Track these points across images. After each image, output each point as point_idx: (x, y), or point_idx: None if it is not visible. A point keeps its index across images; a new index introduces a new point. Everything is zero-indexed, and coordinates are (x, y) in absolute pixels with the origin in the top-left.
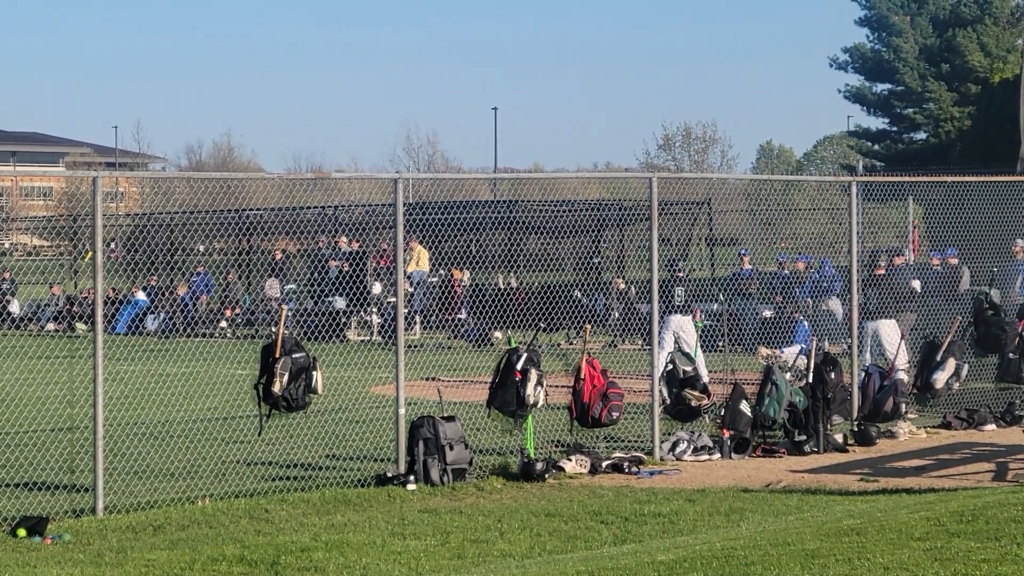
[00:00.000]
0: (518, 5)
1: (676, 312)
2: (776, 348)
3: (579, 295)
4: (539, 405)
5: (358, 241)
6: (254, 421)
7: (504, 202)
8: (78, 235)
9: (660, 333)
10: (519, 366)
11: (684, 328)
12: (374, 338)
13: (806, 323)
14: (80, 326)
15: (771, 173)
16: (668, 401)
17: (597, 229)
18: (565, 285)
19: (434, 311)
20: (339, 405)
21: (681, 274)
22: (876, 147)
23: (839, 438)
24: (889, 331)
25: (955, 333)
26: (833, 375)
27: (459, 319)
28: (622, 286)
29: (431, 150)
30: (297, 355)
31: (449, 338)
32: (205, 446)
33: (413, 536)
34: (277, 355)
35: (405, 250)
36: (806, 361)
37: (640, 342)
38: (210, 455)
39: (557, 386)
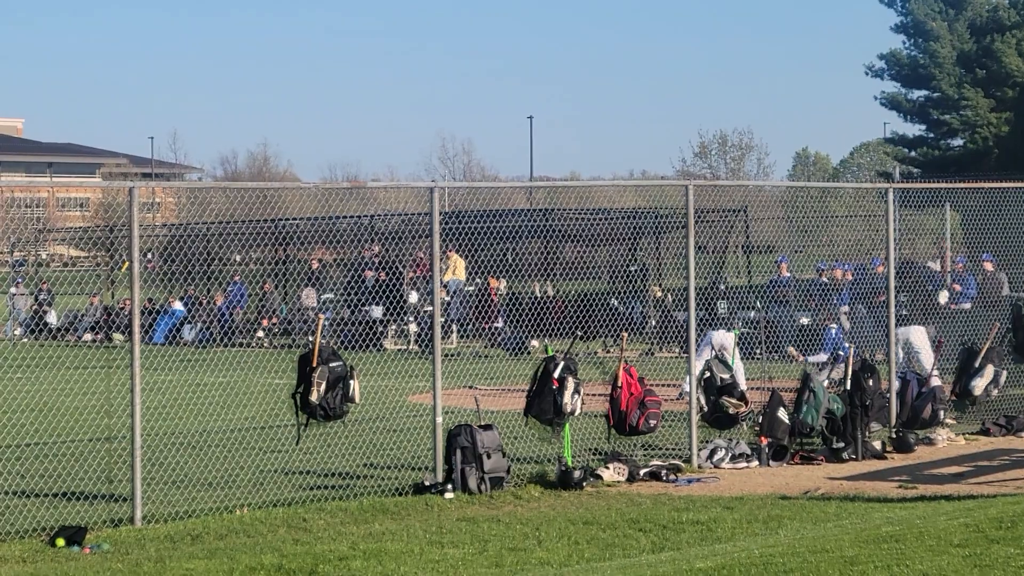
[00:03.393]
0: (553, 14)
1: (719, 327)
2: (803, 354)
3: (616, 303)
4: (576, 413)
5: (379, 245)
6: (292, 430)
7: (540, 210)
8: (115, 246)
9: (699, 349)
10: (556, 374)
11: (725, 347)
12: (411, 347)
13: (834, 329)
14: (117, 336)
15: (807, 180)
16: (706, 409)
17: (633, 237)
18: (602, 293)
19: (471, 320)
20: (376, 414)
21: (723, 286)
22: (913, 154)
23: (877, 445)
24: (920, 337)
25: (994, 339)
26: (871, 382)
27: (496, 328)
28: (659, 294)
29: (467, 159)
30: (334, 364)
31: (486, 347)
32: (243, 455)
33: (451, 544)
34: (314, 364)
35: (441, 259)
36: (843, 369)
37: (677, 350)
38: (248, 464)
39: (594, 394)
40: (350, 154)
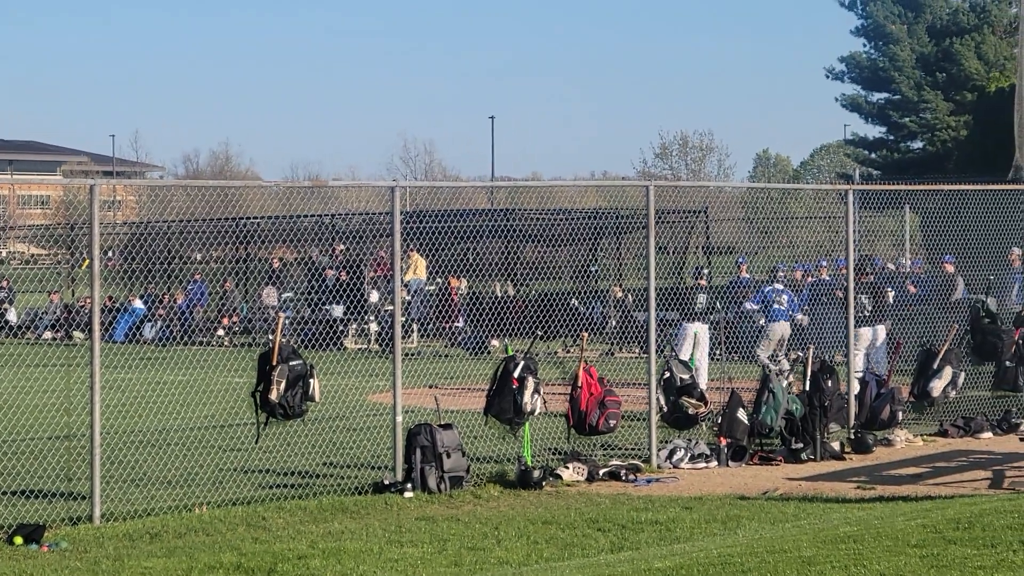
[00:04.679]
0: (515, 14)
1: (696, 319)
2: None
3: (576, 303)
4: (536, 413)
5: (344, 246)
6: (251, 429)
7: (501, 211)
8: (75, 243)
9: (677, 341)
10: (516, 374)
11: (701, 336)
12: (371, 346)
13: (778, 286)
14: (77, 334)
15: (768, 182)
16: (665, 409)
17: (594, 237)
18: (562, 293)
19: (431, 319)
20: (336, 413)
21: (703, 281)
22: (873, 156)
23: (836, 446)
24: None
25: (952, 341)
26: (830, 383)
27: (456, 327)
28: (619, 294)
29: (428, 159)
30: (294, 363)
31: (446, 346)
32: (202, 454)
33: (410, 544)
34: (274, 363)
35: (402, 258)
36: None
37: (637, 350)
38: (207, 463)
39: (554, 394)
40: (312, 154)
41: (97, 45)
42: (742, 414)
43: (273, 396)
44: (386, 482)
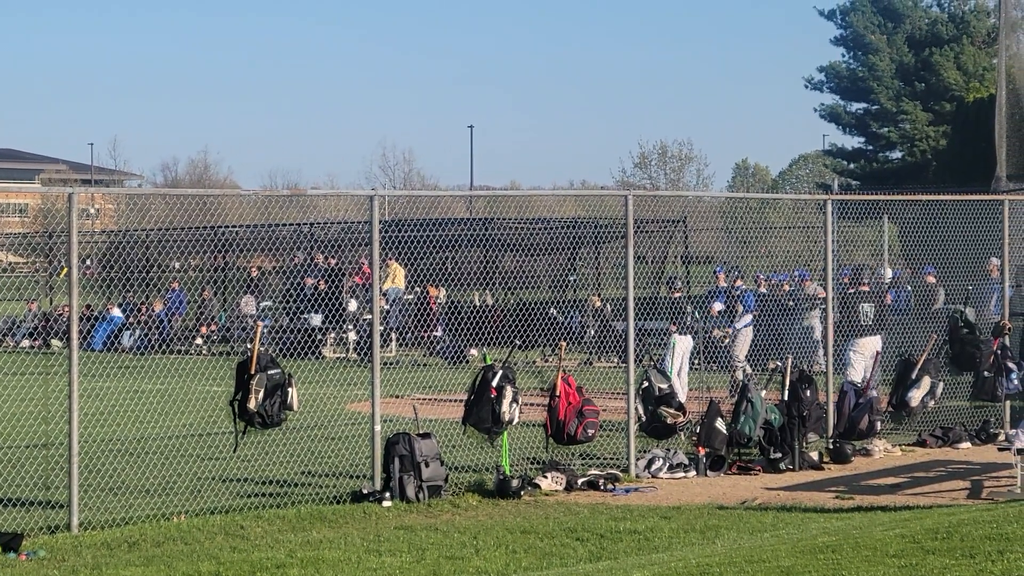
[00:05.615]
0: (495, 22)
1: (685, 332)
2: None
3: (555, 313)
4: (514, 422)
5: (334, 258)
6: (229, 438)
7: (480, 220)
8: (53, 252)
9: (666, 354)
10: (494, 383)
11: (688, 347)
12: (350, 355)
13: (740, 283)
14: (55, 343)
15: (746, 191)
16: (644, 419)
17: (573, 247)
18: (541, 303)
19: (410, 328)
20: (315, 422)
21: (678, 294)
22: (851, 166)
23: (814, 455)
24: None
25: (930, 351)
26: (808, 393)
27: (435, 336)
28: (598, 304)
29: (407, 168)
30: (272, 372)
31: (425, 355)
32: (180, 463)
33: (389, 553)
34: (252, 372)
35: (381, 267)
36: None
37: (616, 360)
38: (185, 472)
39: (532, 403)
40: (291, 162)
41: (75, 52)
42: (720, 424)
43: (252, 405)
44: (364, 491)
